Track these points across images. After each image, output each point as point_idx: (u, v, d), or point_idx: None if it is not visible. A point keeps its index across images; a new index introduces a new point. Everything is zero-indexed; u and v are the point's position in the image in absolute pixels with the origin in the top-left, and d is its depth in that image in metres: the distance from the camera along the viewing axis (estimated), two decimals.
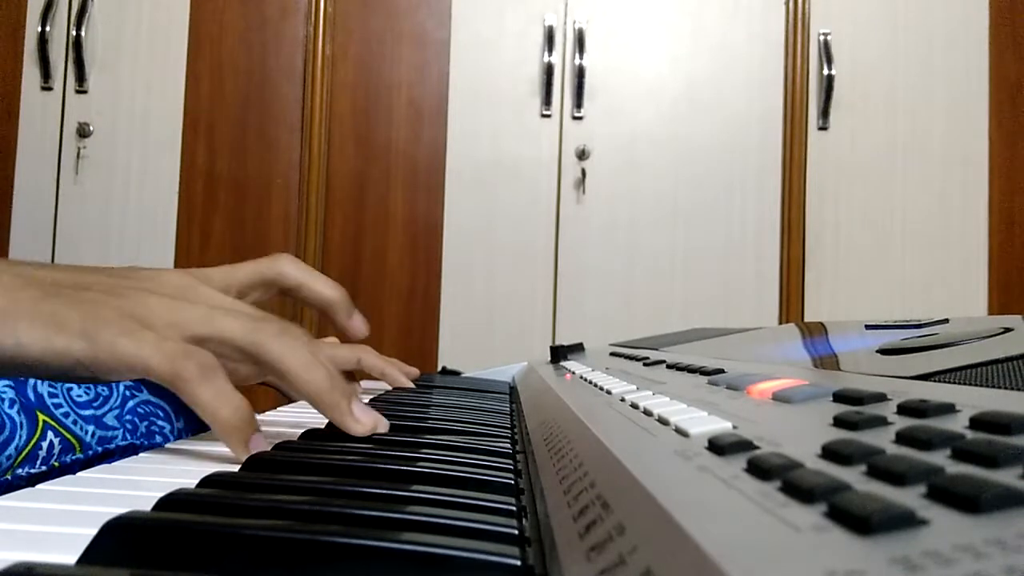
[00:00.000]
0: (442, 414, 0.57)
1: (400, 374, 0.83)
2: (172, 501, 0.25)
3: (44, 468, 0.53)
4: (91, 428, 0.56)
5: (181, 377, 0.38)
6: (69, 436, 0.54)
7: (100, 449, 0.56)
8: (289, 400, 0.78)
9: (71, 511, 0.26)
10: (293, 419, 0.56)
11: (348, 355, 0.82)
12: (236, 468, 0.33)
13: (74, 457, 0.54)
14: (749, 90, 1.78)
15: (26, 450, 0.51)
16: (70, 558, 0.21)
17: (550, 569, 0.21)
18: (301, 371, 0.41)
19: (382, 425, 0.42)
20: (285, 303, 1.74)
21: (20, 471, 0.52)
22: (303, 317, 1.73)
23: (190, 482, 0.29)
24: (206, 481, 0.29)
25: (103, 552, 0.21)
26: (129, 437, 0.58)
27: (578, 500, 0.23)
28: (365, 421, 0.41)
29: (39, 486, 0.30)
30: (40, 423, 0.53)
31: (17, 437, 0.51)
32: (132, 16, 1.75)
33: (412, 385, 0.83)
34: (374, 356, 0.83)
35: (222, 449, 0.41)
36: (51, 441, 0.53)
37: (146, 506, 0.25)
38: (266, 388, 0.80)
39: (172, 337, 0.40)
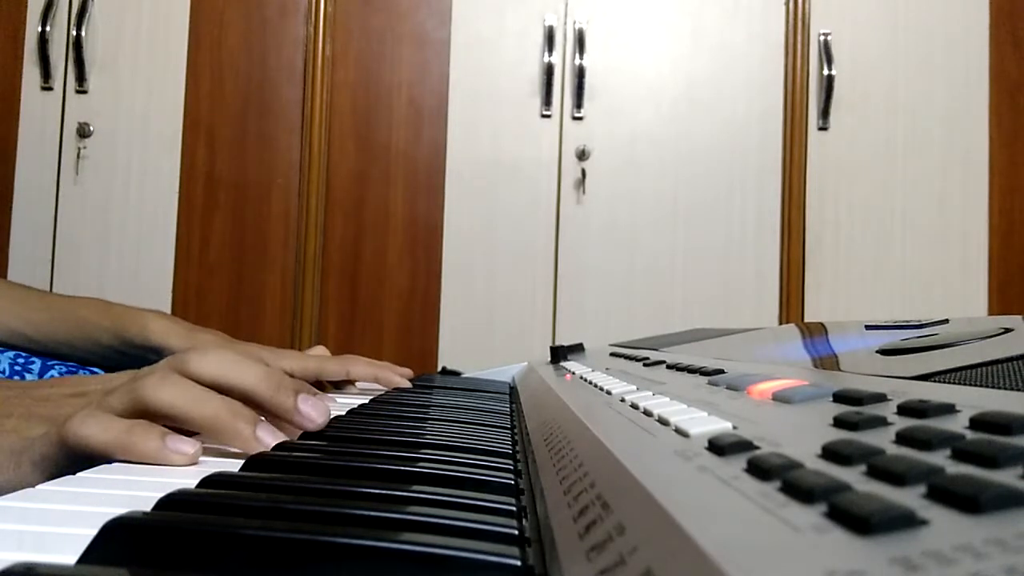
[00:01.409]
0: (442, 414, 0.57)
1: (393, 375, 0.84)
2: (172, 501, 0.25)
3: None
4: None
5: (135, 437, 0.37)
6: None
7: None
8: None
9: (71, 511, 0.26)
10: None
11: (336, 368, 0.82)
12: (236, 468, 0.34)
13: None
14: (749, 90, 1.78)
15: None
16: (70, 558, 0.21)
17: (550, 569, 0.21)
18: (192, 408, 0.39)
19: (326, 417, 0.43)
20: (284, 320, 1.74)
21: None
22: (302, 331, 1.73)
23: (190, 482, 0.29)
24: (206, 481, 0.29)
25: (103, 552, 0.21)
26: None
27: (578, 500, 0.23)
28: (268, 442, 0.40)
29: (39, 486, 0.30)
30: None
31: None
32: (132, 16, 1.75)
33: (408, 384, 0.83)
34: (363, 364, 0.83)
35: (222, 449, 0.41)
36: None
37: (146, 506, 0.25)
38: None
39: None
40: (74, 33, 1.71)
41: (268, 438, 0.40)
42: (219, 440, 0.40)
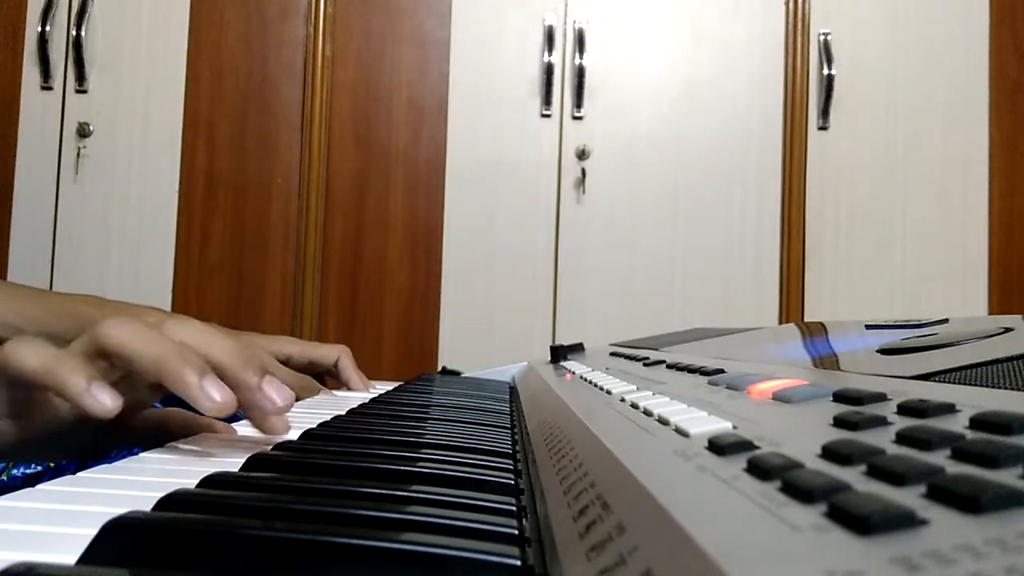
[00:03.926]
0: (442, 414, 0.57)
1: (360, 384, 0.87)
2: (172, 501, 0.25)
3: (39, 468, 0.53)
4: None
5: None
6: None
7: None
8: None
9: (71, 511, 0.26)
10: (292, 420, 0.56)
11: (329, 352, 0.87)
12: (236, 468, 0.34)
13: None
14: (749, 90, 1.78)
15: None
16: (70, 558, 0.21)
17: (550, 569, 0.21)
18: (142, 347, 0.37)
19: (230, 406, 0.38)
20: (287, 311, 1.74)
21: (16, 472, 0.52)
22: (302, 331, 1.73)
23: (190, 482, 0.29)
24: (206, 481, 0.29)
25: (103, 552, 0.21)
26: None
27: (578, 500, 0.23)
28: (215, 396, 0.37)
29: (39, 486, 0.30)
30: None
31: None
32: (132, 16, 1.75)
33: (367, 392, 0.86)
34: (350, 363, 0.87)
35: (222, 449, 0.41)
36: None
37: (146, 506, 0.25)
38: None
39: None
40: (74, 33, 1.71)
41: (215, 392, 0.37)
42: (168, 385, 0.38)
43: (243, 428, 0.49)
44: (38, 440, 0.41)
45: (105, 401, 0.35)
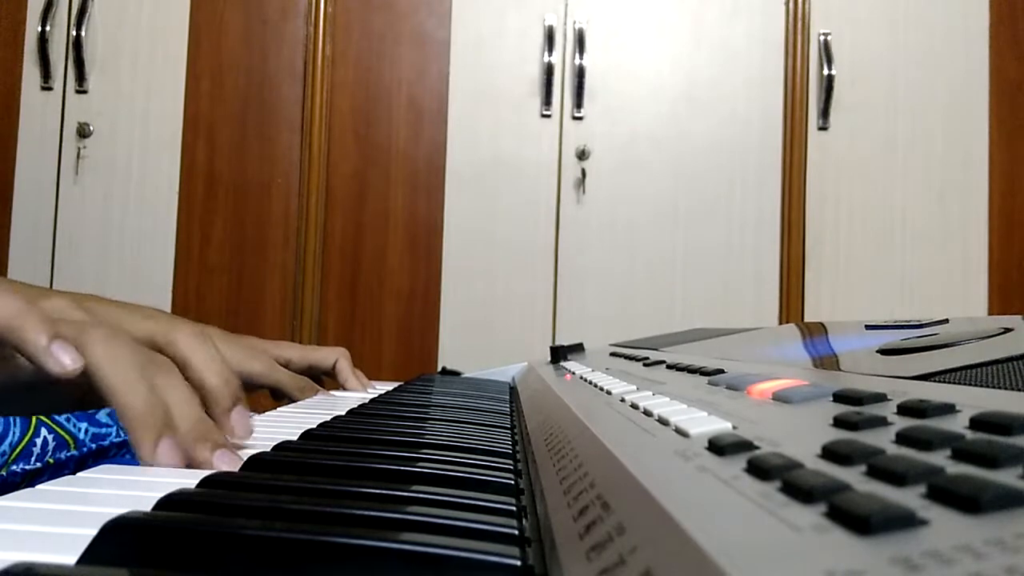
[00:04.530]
0: (442, 414, 0.57)
1: (357, 384, 0.87)
2: (172, 501, 0.25)
3: (39, 465, 0.53)
4: (84, 425, 0.56)
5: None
6: (63, 433, 0.54)
7: (94, 446, 0.56)
8: (288, 401, 0.79)
9: (71, 511, 0.26)
10: (292, 420, 0.56)
11: (328, 355, 0.88)
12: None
13: (68, 454, 0.54)
14: (749, 90, 1.78)
15: (20, 447, 0.51)
16: (70, 558, 0.21)
17: (550, 569, 0.21)
18: (119, 388, 0.36)
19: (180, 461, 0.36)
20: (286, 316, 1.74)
21: (15, 467, 0.52)
22: (302, 331, 1.73)
23: (190, 482, 0.29)
24: (206, 481, 0.29)
25: (103, 552, 0.21)
26: (123, 434, 0.58)
27: (578, 500, 0.23)
28: (65, 361, 0.36)
29: (39, 486, 0.30)
30: (33, 420, 0.53)
31: (11, 434, 0.51)
32: (132, 16, 1.75)
33: (364, 392, 0.86)
34: (348, 365, 0.88)
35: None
36: (45, 438, 0.53)
37: (146, 506, 0.25)
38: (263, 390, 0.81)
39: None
40: (74, 33, 1.71)
41: (64, 355, 0.36)
42: (15, 346, 0.37)
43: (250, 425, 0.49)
44: (9, 391, 0.41)
45: (66, 361, 0.35)
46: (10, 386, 0.40)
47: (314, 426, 0.45)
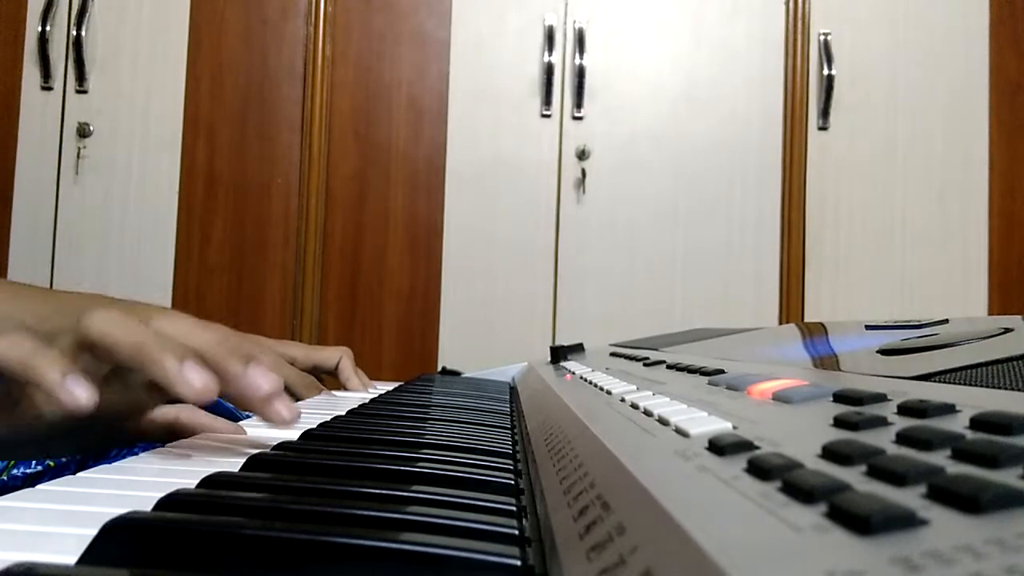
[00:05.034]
0: (442, 414, 0.57)
1: (358, 384, 0.88)
2: (172, 501, 0.25)
3: (39, 468, 0.53)
4: None
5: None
6: None
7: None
8: (293, 399, 0.79)
9: (71, 511, 0.26)
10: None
11: (332, 355, 0.88)
12: (236, 468, 0.34)
13: (69, 456, 0.54)
14: (749, 90, 1.78)
15: None
16: (70, 558, 0.21)
17: (550, 569, 0.21)
18: (122, 336, 0.36)
19: (211, 391, 0.37)
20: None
21: (16, 472, 0.52)
22: (302, 331, 1.73)
23: (190, 482, 0.29)
24: (206, 481, 0.29)
25: (103, 552, 0.21)
26: None
27: (578, 500, 0.23)
28: (194, 381, 0.36)
29: (39, 486, 0.30)
30: None
31: None
32: (132, 16, 1.75)
33: (365, 392, 0.87)
34: (350, 364, 0.88)
35: (223, 449, 0.41)
36: None
37: (146, 506, 0.25)
38: None
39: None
40: (74, 33, 1.71)
41: (194, 377, 0.36)
42: (146, 371, 0.37)
43: (249, 428, 0.49)
44: (30, 436, 0.41)
45: (80, 394, 0.35)
46: (35, 428, 0.40)
47: (314, 426, 0.45)
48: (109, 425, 0.45)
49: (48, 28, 1.70)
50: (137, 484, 0.31)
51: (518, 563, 0.21)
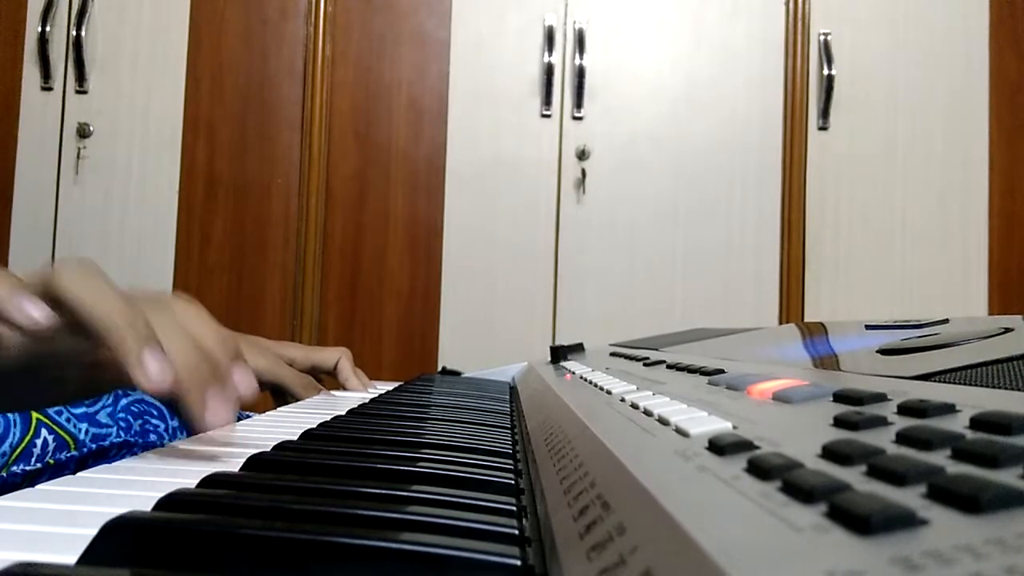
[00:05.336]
0: (442, 414, 0.57)
1: (357, 384, 0.88)
2: (172, 501, 0.25)
3: (39, 465, 0.53)
4: (84, 426, 0.56)
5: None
6: (63, 433, 0.54)
7: (94, 446, 0.56)
8: (292, 399, 0.79)
9: (71, 511, 0.26)
10: (292, 420, 0.56)
11: (331, 355, 0.89)
12: (236, 468, 0.34)
13: (68, 455, 0.54)
14: (749, 90, 1.78)
15: (20, 447, 0.51)
16: (70, 558, 0.21)
17: (550, 569, 0.21)
18: (91, 301, 0.34)
19: (164, 383, 0.35)
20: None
21: (15, 468, 0.52)
22: (302, 331, 1.73)
23: (190, 482, 0.29)
24: (206, 481, 0.29)
25: (103, 552, 0.21)
26: (123, 435, 0.58)
27: (578, 500, 0.23)
28: (153, 370, 0.34)
29: (39, 486, 0.30)
30: (34, 421, 0.53)
31: (11, 435, 0.51)
32: (132, 16, 1.75)
33: (365, 392, 0.87)
34: (349, 364, 0.88)
35: (222, 449, 0.41)
36: (45, 439, 0.53)
37: (146, 506, 0.25)
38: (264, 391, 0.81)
39: None
40: (74, 33, 1.71)
41: (154, 365, 0.34)
42: (107, 344, 0.35)
43: (249, 427, 0.49)
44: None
45: (32, 311, 0.34)
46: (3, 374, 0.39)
47: (314, 426, 0.45)
48: (64, 368, 0.42)
49: (48, 28, 1.70)
50: (137, 484, 0.31)
51: (518, 563, 0.21)
